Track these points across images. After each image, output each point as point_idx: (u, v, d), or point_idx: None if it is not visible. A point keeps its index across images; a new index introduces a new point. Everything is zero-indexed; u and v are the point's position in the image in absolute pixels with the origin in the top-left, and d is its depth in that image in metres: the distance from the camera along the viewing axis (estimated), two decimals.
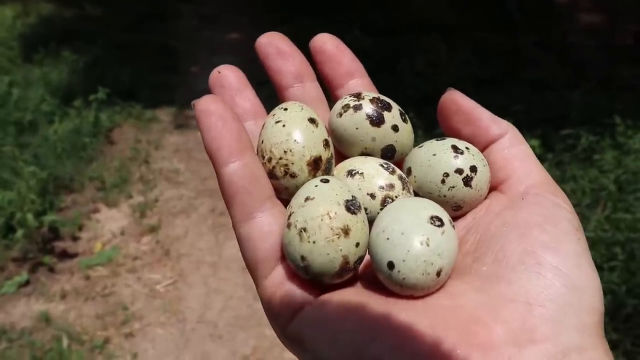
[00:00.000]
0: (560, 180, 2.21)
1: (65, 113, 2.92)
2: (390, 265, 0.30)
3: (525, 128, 2.48)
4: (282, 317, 0.32)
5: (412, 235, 0.31)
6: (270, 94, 0.40)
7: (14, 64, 3.54)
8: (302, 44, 0.41)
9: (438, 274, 0.30)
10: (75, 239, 2.14)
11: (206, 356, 1.67)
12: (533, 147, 2.35)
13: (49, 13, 4.59)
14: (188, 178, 2.54)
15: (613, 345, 1.57)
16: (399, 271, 0.30)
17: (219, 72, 0.38)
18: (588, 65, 3.36)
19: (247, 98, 0.38)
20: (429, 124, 2.38)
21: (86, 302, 1.86)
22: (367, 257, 0.33)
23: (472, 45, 3.68)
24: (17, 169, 2.32)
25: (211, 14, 4.55)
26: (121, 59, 3.56)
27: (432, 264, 0.30)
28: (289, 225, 0.32)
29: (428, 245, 0.30)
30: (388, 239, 0.31)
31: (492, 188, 0.36)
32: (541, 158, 2.35)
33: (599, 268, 1.76)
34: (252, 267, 0.34)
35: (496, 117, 0.37)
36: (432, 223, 0.31)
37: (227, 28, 4.18)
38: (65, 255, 2.06)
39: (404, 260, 0.30)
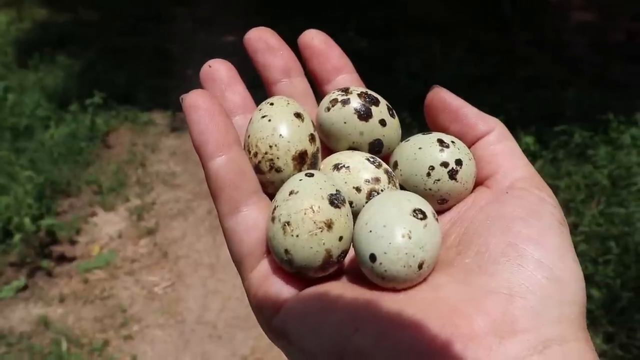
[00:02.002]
0: (554, 176, 2.22)
1: (61, 118, 2.92)
2: (372, 257, 0.30)
3: (520, 125, 2.49)
4: (267, 311, 0.32)
5: (394, 228, 0.31)
6: (266, 96, 0.41)
7: (9, 69, 3.54)
8: (296, 45, 0.41)
9: (420, 266, 0.30)
10: (72, 242, 2.14)
11: (205, 357, 1.68)
12: (528, 144, 2.38)
13: (43, 18, 4.59)
14: (185, 180, 2.55)
15: (609, 338, 1.59)
16: (380, 263, 0.30)
17: (210, 66, 0.38)
18: (581, 62, 3.38)
19: (237, 92, 0.39)
20: (424, 124, 2.38)
21: (85, 306, 1.86)
22: (353, 251, 0.33)
23: (467, 44, 3.69)
24: (13, 174, 2.33)
25: (206, 16, 4.55)
26: (116, 63, 3.56)
27: (413, 256, 0.30)
28: (273, 219, 0.32)
29: (410, 237, 0.30)
30: (371, 231, 0.31)
31: (479, 183, 0.37)
32: (536, 155, 2.37)
33: (594, 262, 1.77)
34: (238, 261, 0.34)
35: (483, 114, 0.38)
36: (414, 216, 0.31)
37: (222, 30, 4.18)
38: (63, 259, 2.06)
39: (385, 253, 0.30)
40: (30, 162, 2.47)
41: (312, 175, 0.33)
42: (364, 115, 0.37)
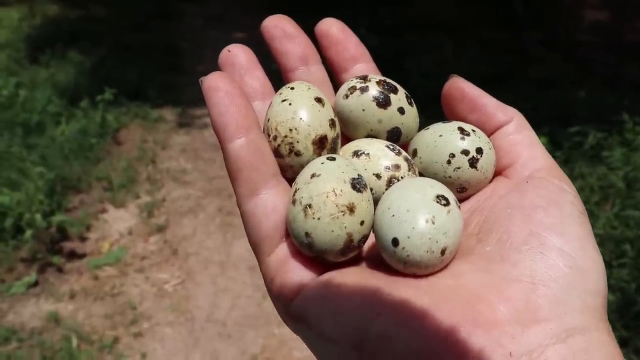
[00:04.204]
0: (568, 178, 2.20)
1: (72, 114, 2.93)
2: (395, 242, 0.30)
3: (532, 126, 2.45)
4: (285, 295, 0.32)
5: (418, 213, 0.30)
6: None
7: (21, 65, 3.55)
8: (310, 39, 0.41)
9: (442, 252, 0.30)
10: (83, 239, 2.14)
11: (215, 355, 1.67)
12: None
13: (54, 14, 4.61)
14: (195, 177, 2.54)
15: (623, 343, 1.57)
16: (403, 248, 0.30)
17: (229, 51, 0.38)
18: (595, 62, 3.35)
19: (256, 77, 0.38)
20: (437, 122, 2.38)
21: (95, 302, 1.86)
22: (372, 239, 0.33)
23: (478, 43, 3.67)
24: (24, 170, 2.33)
25: (216, 13, 4.56)
26: (127, 60, 3.57)
27: (437, 242, 0.30)
28: (294, 202, 0.32)
29: (433, 223, 0.30)
30: (393, 215, 0.31)
31: (498, 173, 0.37)
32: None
33: (609, 265, 1.75)
34: (255, 244, 0.33)
35: (502, 104, 0.37)
36: (438, 202, 0.31)
37: (232, 27, 4.18)
38: (73, 255, 2.06)
39: (408, 237, 0.30)
40: (41, 158, 2.47)
41: (333, 159, 0.33)
42: (383, 102, 0.37)
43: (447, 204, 0.31)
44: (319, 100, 0.36)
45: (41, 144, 2.61)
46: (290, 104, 0.35)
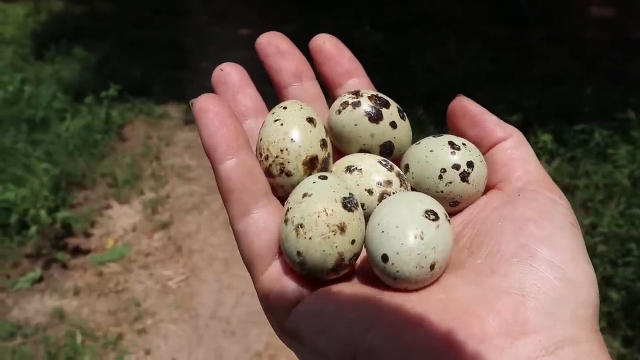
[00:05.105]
0: (573, 176, 2.19)
1: (76, 110, 2.93)
2: (385, 258, 0.31)
3: (537, 123, 2.46)
4: (279, 312, 0.32)
5: (407, 229, 0.31)
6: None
7: (26, 61, 3.56)
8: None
9: (432, 267, 0.30)
10: (87, 235, 2.15)
11: (219, 352, 1.68)
12: (545, 142, 2.35)
13: (59, 10, 4.61)
14: (199, 174, 2.55)
15: (628, 342, 1.56)
16: (392, 264, 0.30)
17: (222, 70, 0.39)
18: (600, 59, 3.33)
19: (248, 95, 0.39)
20: (440, 120, 2.36)
21: (99, 299, 1.87)
22: (365, 253, 0.33)
23: (482, 39, 3.65)
24: (29, 166, 2.34)
25: (221, 9, 4.55)
26: (132, 56, 3.57)
27: (425, 257, 0.30)
28: (286, 221, 0.32)
29: (422, 238, 0.31)
30: (383, 232, 0.31)
31: (492, 186, 0.37)
32: (554, 153, 2.34)
33: (613, 264, 1.75)
34: (249, 263, 0.34)
35: (502, 122, 0.38)
36: (427, 217, 0.31)
37: (237, 23, 4.17)
38: (78, 251, 2.07)
39: (397, 253, 0.30)
40: (46, 154, 2.48)
41: (325, 177, 0.34)
42: (375, 117, 0.38)
43: (436, 218, 0.32)
44: (310, 120, 0.36)
45: (46, 140, 2.61)
46: (282, 124, 0.36)
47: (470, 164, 0.36)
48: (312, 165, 0.35)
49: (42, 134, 2.67)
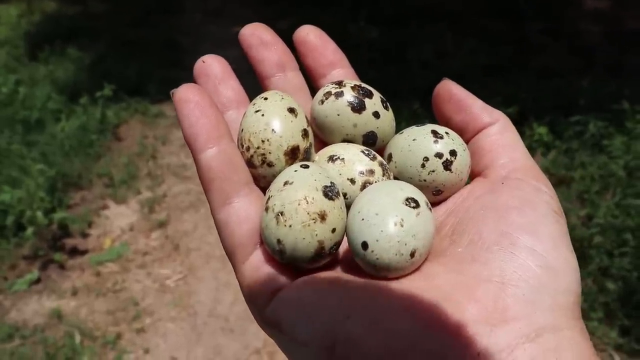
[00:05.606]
0: (569, 167, 2.19)
1: (71, 110, 2.92)
2: (364, 245, 0.30)
3: (533, 115, 2.46)
4: (259, 301, 0.32)
5: (387, 216, 0.31)
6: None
7: (20, 62, 3.55)
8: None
9: (412, 254, 0.30)
10: (84, 235, 2.15)
11: (218, 350, 1.68)
12: (541, 135, 2.35)
13: (53, 11, 4.59)
14: (195, 172, 2.53)
15: (625, 332, 1.57)
16: (372, 251, 0.30)
17: (204, 62, 0.38)
18: (596, 51, 3.32)
19: (230, 87, 0.39)
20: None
21: (97, 299, 1.87)
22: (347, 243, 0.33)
23: (479, 33, 3.65)
24: (25, 167, 2.33)
25: (215, 7, 4.54)
26: (126, 55, 3.56)
27: (405, 244, 0.30)
28: (267, 209, 0.32)
29: (402, 226, 0.30)
30: (363, 219, 0.31)
31: (477, 173, 0.37)
32: (549, 145, 2.34)
33: (610, 254, 1.75)
34: (230, 252, 0.34)
35: (488, 106, 0.38)
36: (407, 204, 0.31)
37: (231, 21, 4.16)
38: (75, 252, 2.07)
39: (377, 240, 0.30)
40: (42, 155, 2.47)
41: (307, 166, 0.34)
42: (357, 107, 0.38)
43: (417, 206, 0.31)
44: (291, 110, 0.36)
45: (41, 141, 2.61)
46: (263, 115, 0.36)
47: (453, 153, 0.36)
48: (293, 155, 0.35)
49: (37, 135, 2.67)
